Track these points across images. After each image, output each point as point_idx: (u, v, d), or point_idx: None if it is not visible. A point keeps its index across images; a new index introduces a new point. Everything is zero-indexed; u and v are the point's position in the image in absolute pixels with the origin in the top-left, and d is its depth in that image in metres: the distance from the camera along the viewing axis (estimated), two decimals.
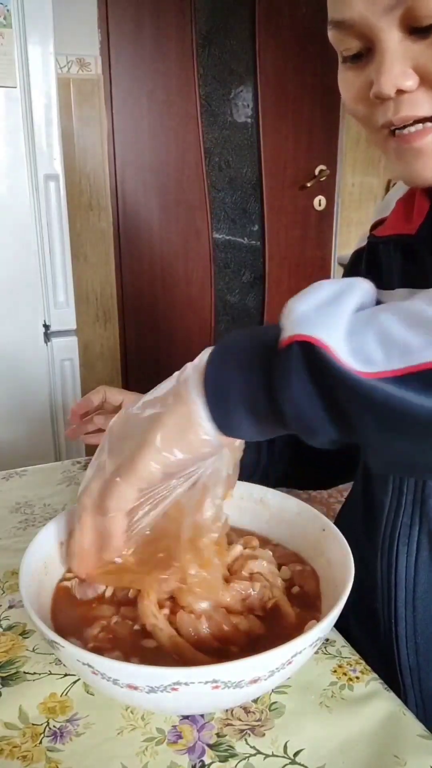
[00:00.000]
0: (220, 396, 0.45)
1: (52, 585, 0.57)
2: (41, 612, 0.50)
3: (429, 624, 0.64)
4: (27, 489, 0.89)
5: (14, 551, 0.73)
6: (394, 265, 0.70)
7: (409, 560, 0.64)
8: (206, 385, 0.46)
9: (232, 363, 0.45)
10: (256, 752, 0.48)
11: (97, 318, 2.55)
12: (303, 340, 0.39)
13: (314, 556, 0.60)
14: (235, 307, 2.84)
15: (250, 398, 0.44)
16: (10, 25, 1.59)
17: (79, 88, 2.31)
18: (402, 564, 0.64)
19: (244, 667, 0.43)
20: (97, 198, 2.43)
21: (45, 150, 1.69)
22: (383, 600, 0.66)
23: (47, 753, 0.48)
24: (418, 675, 0.65)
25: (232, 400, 0.45)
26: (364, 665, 0.57)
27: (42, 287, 1.77)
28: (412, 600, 0.64)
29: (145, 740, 0.49)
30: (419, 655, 0.64)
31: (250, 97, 2.62)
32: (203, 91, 2.54)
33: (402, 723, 0.50)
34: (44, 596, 0.55)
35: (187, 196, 2.61)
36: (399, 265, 0.69)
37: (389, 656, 0.66)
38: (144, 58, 2.43)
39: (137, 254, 2.60)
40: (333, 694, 0.53)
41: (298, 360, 0.40)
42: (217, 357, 0.47)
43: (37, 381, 1.83)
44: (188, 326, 2.75)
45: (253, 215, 2.76)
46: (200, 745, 0.49)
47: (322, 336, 0.39)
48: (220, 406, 0.45)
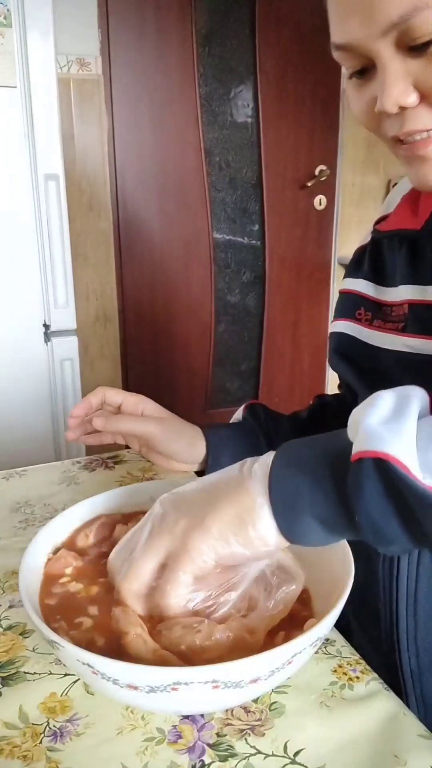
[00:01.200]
0: (287, 504, 0.47)
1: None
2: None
3: (429, 627, 0.64)
4: (27, 489, 0.89)
5: (14, 551, 0.73)
6: (398, 260, 0.70)
7: (411, 564, 0.64)
8: (272, 492, 0.47)
9: (297, 471, 0.47)
10: (256, 752, 0.48)
11: (97, 318, 2.55)
12: (376, 456, 0.42)
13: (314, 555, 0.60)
14: (235, 307, 2.84)
15: (319, 508, 0.46)
16: (10, 24, 1.59)
17: (80, 88, 2.31)
18: (404, 567, 0.64)
19: (244, 667, 0.43)
20: (97, 198, 2.43)
21: (45, 150, 1.69)
22: (385, 603, 0.66)
23: (47, 753, 0.48)
24: (420, 678, 0.65)
25: (300, 509, 0.46)
26: (364, 665, 0.57)
27: (42, 287, 1.77)
28: (413, 604, 0.64)
29: (145, 740, 0.49)
30: (420, 659, 0.64)
31: (251, 96, 2.62)
32: (203, 90, 2.53)
33: (402, 723, 0.50)
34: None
35: (187, 196, 2.61)
36: (403, 260, 0.69)
37: (390, 659, 0.66)
38: (144, 57, 2.43)
39: (137, 254, 2.59)
40: (333, 693, 0.53)
41: (371, 475, 0.42)
42: (282, 463, 0.48)
43: (37, 381, 1.83)
44: (188, 326, 2.75)
45: (253, 215, 2.76)
46: (200, 745, 0.49)
47: (395, 452, 0.41)
48: (287, 515, 0.47)
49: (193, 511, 0.50)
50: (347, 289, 0.78)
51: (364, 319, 0.75)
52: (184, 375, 2.79)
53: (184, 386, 2.80)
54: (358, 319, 0.76)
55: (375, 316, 0.74)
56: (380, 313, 0.73)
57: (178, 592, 0.49)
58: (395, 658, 0.65)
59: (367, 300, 0.75)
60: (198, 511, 0.50)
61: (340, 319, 0.78)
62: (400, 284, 0.69)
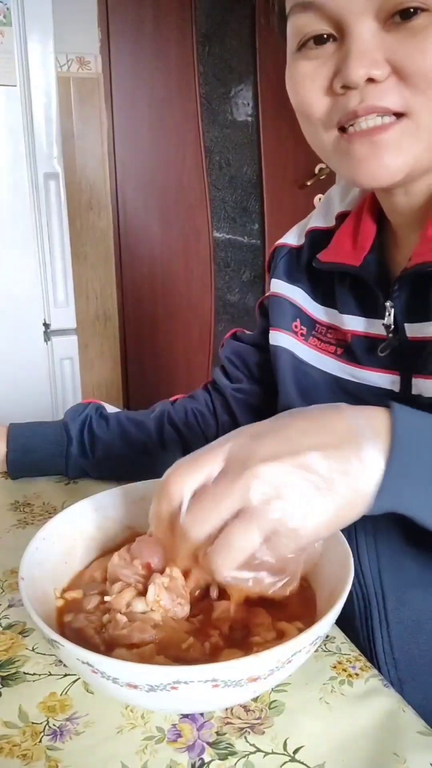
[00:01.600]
0: (409, 476, 0.42)
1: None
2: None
3: (404, 638, 0.64)
4: (26, 487, 0.89)
5: (14, 550, 0.73)
6: (340, 289, 0.69)
7: (375, 580, 0.65)
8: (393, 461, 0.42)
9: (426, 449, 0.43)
10: (255, 750, 0.48)
11: (97, 317, 2.55)
12: None
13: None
14: (235, 306, 2.84)
15: None
16: (10, 23, 1.59)
17: (79, 87, 2.31)
18: (369, 580, 0.65)
19: (244, 666, 0.43)
20: (97, 197, 2.43)
21: (45, 149, 1.69)
22: (360, 617, 0.67)
23: (47, 752, 0.48)
24: (401, 689, 0.65)
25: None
26: (364, 661, 0.57)
27: (42, 286, 1.77)
28: (384, 617, 0.65)
29: (144, 739, 0.49)
30: (399, 670, 0.65)
31: (251, 95, 2.62)
32: (203, 89, 2.53)
33: (402, 720, 0.50)
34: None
35: (187, 195, 2.61)
36: (346, 291, 0.68)
37: None
38: (144, 56, 2.43)
39: (137, 253, 2.59)
40: (333, 690, 0.53)
41: None
42: (406, 436, 0.43)
43: (37, 380, 1.83)
44: (188, 325, 2.75)
45: (253, 214, 2.76)
46: (200, 744, 0.49)
47: None
48: (403, 486, 0.42)
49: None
50: (281, 294, 0.76)
51: (300, 333, 0.74)
52: (184, 374, 2.79)
53: (184, 385, 2.80)
54: (294, 332, 0.74)
55: (309, 332, 0.73)
56: (314, 330, 0.73)
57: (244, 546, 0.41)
58: (376, 670, 0.66)
59: (303, 313, 0.74)
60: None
61: (278, 330, 0.75)
62: (344, 313, 0.68)
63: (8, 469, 0.88)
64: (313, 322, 0.73)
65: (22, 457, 0.87)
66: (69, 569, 0.60)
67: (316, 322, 0.73)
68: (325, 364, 0.70)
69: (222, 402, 0.89)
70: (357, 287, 0.67)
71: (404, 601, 0.64)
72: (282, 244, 0.80)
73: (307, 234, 0.77)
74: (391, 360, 0.64)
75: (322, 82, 0.54)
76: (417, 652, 0.64)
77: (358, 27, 0.50)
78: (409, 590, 0.64)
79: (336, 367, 0.69)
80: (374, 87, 0.51)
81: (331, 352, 0.70)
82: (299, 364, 0.73)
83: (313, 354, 0.72)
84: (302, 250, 0.76)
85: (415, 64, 0.50)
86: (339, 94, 0.53)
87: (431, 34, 0.49)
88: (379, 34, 0.50)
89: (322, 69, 0.54)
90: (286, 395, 0.73)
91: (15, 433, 0.88)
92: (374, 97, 0.52)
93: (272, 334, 0.76)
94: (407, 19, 0.49)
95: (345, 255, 0.67)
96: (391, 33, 0.50)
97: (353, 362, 0.67)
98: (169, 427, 0.89)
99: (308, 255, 0.74)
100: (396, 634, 0.65)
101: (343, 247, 0.67)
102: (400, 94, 0.52)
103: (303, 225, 0.79)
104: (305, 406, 0.71)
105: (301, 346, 0.73)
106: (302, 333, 0.74)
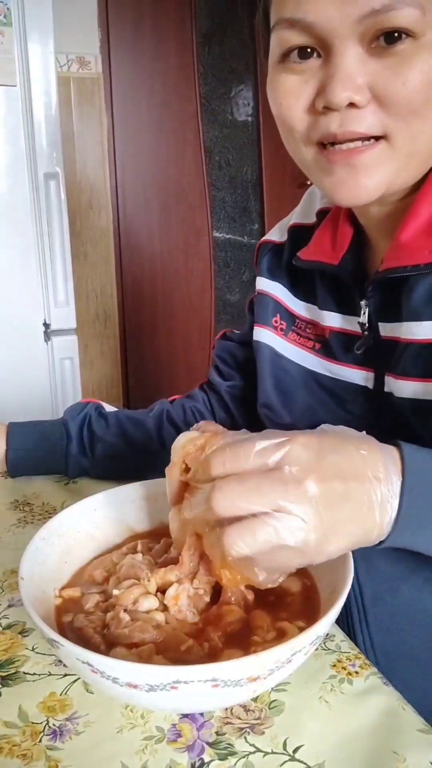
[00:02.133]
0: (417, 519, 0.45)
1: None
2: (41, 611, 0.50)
3: (381, 633, 0.65)
4: (25, 487, 0.88)
5: (13, 549, 0.73)
6: (319, 286, 0.71)
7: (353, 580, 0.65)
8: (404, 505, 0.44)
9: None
10: (255, 750, 0.48)
11: (97, 317, 2.55)
12: None
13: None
14: (234, 306, 2.84)
15: None
16: (10, 23, 1.59)
17: (79, 87, 2.31)
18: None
19: (244, 666, 0.43)
20: (97, 197, 2.43)
21: (45, 149, 1.69)
22: (341, 615, 0.67)
23: (47, 752, 0.48)
24: None
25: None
26: (364, 659, 0.56)
27: (42, 286, 1.77)
28: (363, 613, 0.66)
29: (144, 738, 0.49)
30: (380, 666, 0.65)
31: (251, 95, 2.62)
32: (203, 89, 2.53)
33: (401, 718, 0.50)
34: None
35: (187, 195, 2.61)
36: (325, 288, 0.70)
37: None
38: (144, 56, 2.43)
39: (137, 253, 2.59)
40: (332, 688, 0.53)
41: None
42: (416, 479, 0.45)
43: (37, 380, 1.83)
44: (188, 325, 2.75)
45: (253, 214, 2.76)
46: (200, 744, 0.48)
47: None
48: (411, 530, 0.45)
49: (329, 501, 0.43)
50: (264, 291, 0.78)
51: (279, 328, 0.76)
52: (184, 373, 2.79)
53: (184, 384, 2.80)
54: (274, 326, 0.76)
55: (289, 327, 0.75)
56: (293, 326, 0.75)
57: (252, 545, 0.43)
58: (375, 668, 0.66)
59: (284, 309, 0.76)
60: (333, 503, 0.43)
61: (260, 325, 0.77)
62: (323, 309, 0.70)
63: (8, 468, 0.88)
64: (293, 317, 0.75)
65: (21, 455, 0.87)
66: (69, 569, 0.60)
67: (296, 318, 0.75)
68: (303, 359, 0.72)
69: (218, 400, 0.90)
70: (335, 285, 0.69)
71: (379, 596, 0.65)
72: (266, 241, 0.81)
73: (289, 230, 0.78)
74: (366, 357, 0.66)
75: (305, 100, 0.55)
76: (393, 647, 0.65)
77: (342, 50, 0.51)
78: (383, 584, 0.65)
79: (313, 362, 0.71)
80: (355, 112, 0.52)
81: (310, 347, 0.72)
82: (277, 359, 0.74)
83: (292, 349, 0.74)
84: (284, 247, 0.77)
85: (397, 94, 0.51)
86: (320, 112, 0.54)
87: (413, 63, 0.50)
88: (363, 58, 0.51)
89: (305, 86, 0.54)
90: (263, 390, 0.75)
91: (14, 431, 0.89)
92: (354, 123, 0.53)
93: (255, 330, 0.78)
94: (391, 44, 0.50)
95: (324, 253, 0.68)
96: (375, 58, 0.51)
97: (330, 358, 0.69)
98: (169, 425, 0.89)
99: (290, 251, 0.76)
100: (374, 629, 0.65)
101: (323, 246, 0.69)
102: (379, 120, 0.53)
103: (286, 221, 0.81)
104: (280, 399, 0.72)
105: (280, 341, 0.75)
106: (282, 328, 0.75)
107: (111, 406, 0.96)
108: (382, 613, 0.65)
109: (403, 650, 0.65)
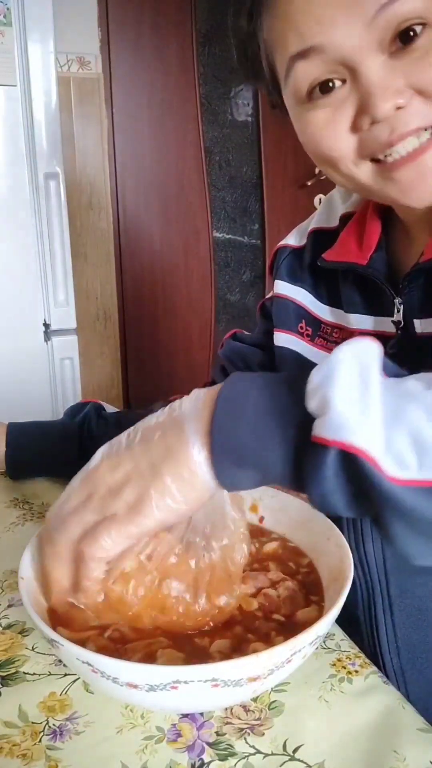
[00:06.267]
0: (230, 458, 0.43)
1: None
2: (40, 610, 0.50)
3: (407, 626, 0.65)
4: (25, 487, 0.89)
5: (13, 549, 0.73)
6: (346, 288, 0.69)
7: (379, 571, 0.66)
8: (213, 444, 0.43)
9: (244, 423, 0.42)
10: (255, 751, 0.48)
11: (98, 317, 2.55)
12: (344, 449, 0.38)
13: (313, 553, 0.60)
14: (235, 306, 2.84)
15: (265, 468, 0.42)
16: (10, 23, 1.59)
17: (79, 87, 2.31)
18: (373, 567, 0.65)
19: (244, 666, 0.43)
20: (97, 197, 2.43)
21: (45, 149, 1.69)
22: (363, 610, 0.68)
23: (47, 751, 0.48)
24: (403, 678, 0.66)
25: (245, 463, 0.42)
26: (364, 658, 0.57)
27: (42, 286, 1.77)
28: (388, 605, 0.66)
29: (144, 738, 0.49)
30: (401, 659, 0.65)
31: (251, 95, 2.62)
32: (203, 89, 2.53)
33: (401, 716, 0.50)
34: None
35: (187, 195, 2.61)
36: (352, 290, 0.69)
37: (374, 661, 0.66)
38: (144, 56, 2.43)
39: (137, 253, 2.59)
40: (332, 688, 0.53)
41: (333, 466, 0.39)
42: (226, 411, 0.43)
43: (37, 380, 1.83)
44: (188, 325, 2.75)
45: (253, 214, 2.76)
46: (200, 744, 0.48)
47: (363, 444, 0.38)
48: (229, 469, 0.43)
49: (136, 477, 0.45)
50: (285, 295, 0.77)
51: (306, 334, 0.74)
52: (185, 373, 2.79)
53: (184, 385, 2.79)
54: (300, 333, 0.75)
55: (315, 333, 0.74)
56: (320, 331, 0.74)
57: (100, 555, 0.46)
58: (378, 659, 0.67)
59: (308, 314, 0.75)
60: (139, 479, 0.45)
61: (283, 331, 0.76)
62: (351, 312, 0.69)
63: (7, 468, 0.88)
64: (318, 322, 0.74)
65: (21, 455, 0.87)
66: None
67: (321, 323, 0.74)
68: None
69: None
70: (363, 286, 0.68)
71: (407, 588, 0.65)
72: (284, 245, 0.80)
73: (310, 234, 0.77)
74: (398, 357, 0.64)
75: (345, 124, 0.54)
76: (418, 640, 0.65)
77: (367, 63, 0.51)
78: (412, 577, 0.64)
79: None
80: (402, 113, 0.52)
81: None
82: (306, 365, 0.73)
83: (320, 354, 0.72)
84: (304, 251, 0.77)
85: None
86: (365, 129, 0.54)
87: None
88: (387, 64, 0.51)
89: (339, 114, 0.54)
90: None
91: (14, 431, 0.89)
92: (404, 123, 0.52)
93: (277, 335, 0.77)
94: (408, 42, 0.50)
95: (351, 254, 0.67)
96: (398, 60, 0.51)
97: None
98: None
99: (311, 255, 0.75)
100: (399, 622, 0.65)
101: (349, 247, 0.68)
102: (427, 111, 0.52)
103: (304, 227, 0.80)
104: None
105: (307, 347, 0.74)
106: (308, 334, 0.74)
107: (111, 406, 0.96)
108: (410, 607, 0.65)
109: (429, 644, 0.65)
